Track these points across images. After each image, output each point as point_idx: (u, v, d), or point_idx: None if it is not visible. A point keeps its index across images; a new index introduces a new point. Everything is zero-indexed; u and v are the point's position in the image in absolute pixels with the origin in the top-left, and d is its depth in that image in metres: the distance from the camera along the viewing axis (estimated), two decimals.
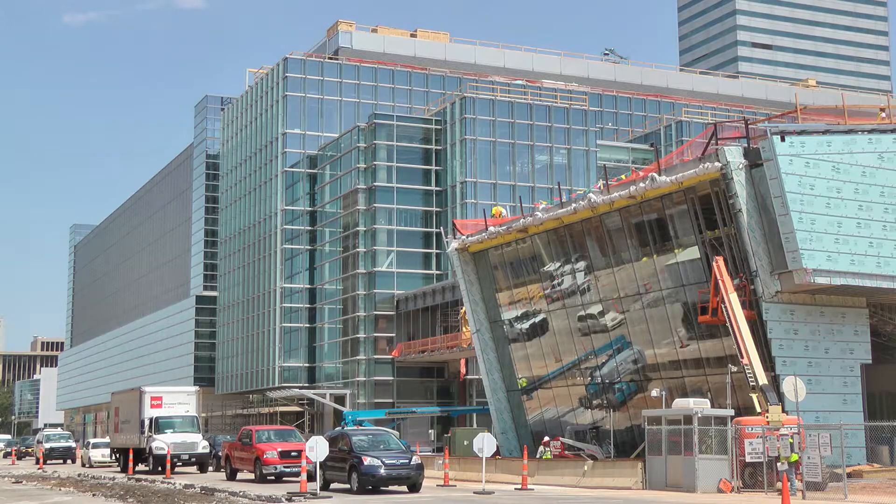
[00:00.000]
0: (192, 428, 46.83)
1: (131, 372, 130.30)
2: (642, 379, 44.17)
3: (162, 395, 49.01)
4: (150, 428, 46.29)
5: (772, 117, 54.42)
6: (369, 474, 31.15)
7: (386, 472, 31.26)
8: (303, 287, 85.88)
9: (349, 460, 31.98)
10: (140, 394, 48.70)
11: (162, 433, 45.67)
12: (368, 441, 33.35)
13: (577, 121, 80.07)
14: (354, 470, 31.54)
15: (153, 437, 45.73)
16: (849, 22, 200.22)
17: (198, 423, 47.80)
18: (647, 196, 41.18)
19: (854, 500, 28.46)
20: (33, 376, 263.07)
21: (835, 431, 30.82)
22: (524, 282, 50.22)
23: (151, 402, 47.91)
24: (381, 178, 77.83)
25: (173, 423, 46.55)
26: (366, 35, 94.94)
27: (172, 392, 50.59)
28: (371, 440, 33.63)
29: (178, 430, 46.00)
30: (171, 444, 44.49)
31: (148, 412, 47.37)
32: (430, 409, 69.92)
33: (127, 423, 50.26)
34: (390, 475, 31.38)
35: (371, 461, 31.37)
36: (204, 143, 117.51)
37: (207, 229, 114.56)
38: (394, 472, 31.43)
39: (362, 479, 31.21)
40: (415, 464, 32.01)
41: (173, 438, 45.13)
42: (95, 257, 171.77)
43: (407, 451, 33.75)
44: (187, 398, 49.14)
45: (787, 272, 36.88)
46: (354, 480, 31.49)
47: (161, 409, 47.54)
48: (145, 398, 48.11)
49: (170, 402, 48.28)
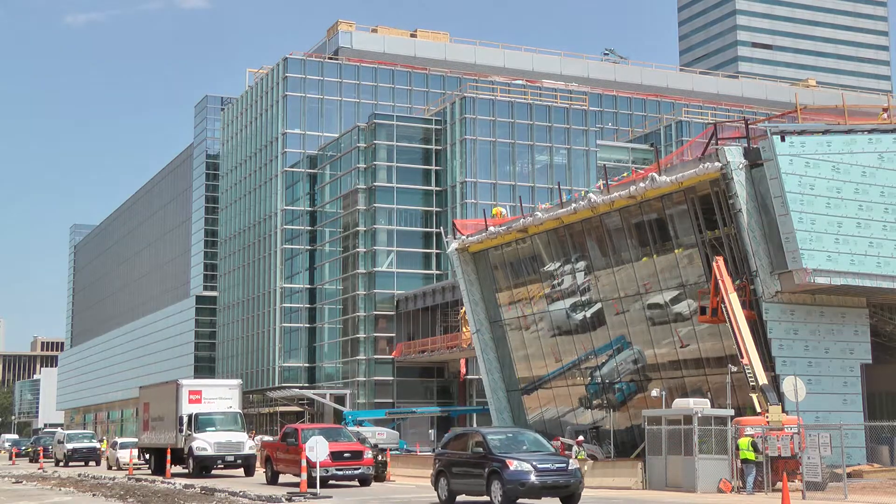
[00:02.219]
0: (236, 426, 41.53)
1: (131, 372, 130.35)
2: (642, 379, 44.17)
3: (201, 388, 43.52)
4: (188, 425, 40.88)
5: (772, 117, 54.40)
6: (517, 481, 24.30)
7: (539, 480, 24.43)
8: (303, 287, 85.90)
9: (487, 465, 25.13)
10: (177, 387, 43.00)
11: (203, 431, 40.45)
12: (507, 440, 26.63)
13: (577, 121, 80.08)
14: (496, 477, 24.68)
15: (193, 435, 40.37)
16: (849, 22, 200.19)
17: (242, 421, 42.33)
18: (647, 196, 41.18)
19: (854, 500, 28.44)
20: (33, 376, 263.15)
21: (835, 431, 30.79)
22: (524, 282, 50.23)
23: (189, 396, 42.36)
24: (381, 178, 77.85)
25: (215, 419, 41.34)
26: (366, 35, 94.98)
27: (213, 385, 45.57)
28: (510, 439, 26.88)
29: (220, 428, 40.86)
30: (214, 444, 39.84)
31: (186, 408, 41.86)
32: (430, 409, 69.93)
33: (160, 420, 44.96)
34: (545, 483, 24.57)
35: (518, 465, 24.67)
36: (204, 143, 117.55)
37: (207, 229, 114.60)
38: (549, 480, 24.61)
39: (508, 488, 24.36)
40: (573, 468, 25.32)
41: (216, 437, 40.14)
42: (95, 257, 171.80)
43: (557, 455, 27.38)
44: (229, 392, 43.58)
45: (787, 272, 36.88)
46: (497, 491, 24.64)
47: (200, 405, 42.05)
48: (183, 392, 42.41)
49: (210, 397, 42.85)
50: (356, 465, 33.40)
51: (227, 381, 48.69)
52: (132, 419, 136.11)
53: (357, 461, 33.45)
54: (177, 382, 43.79)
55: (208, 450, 39.70)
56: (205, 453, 39.71)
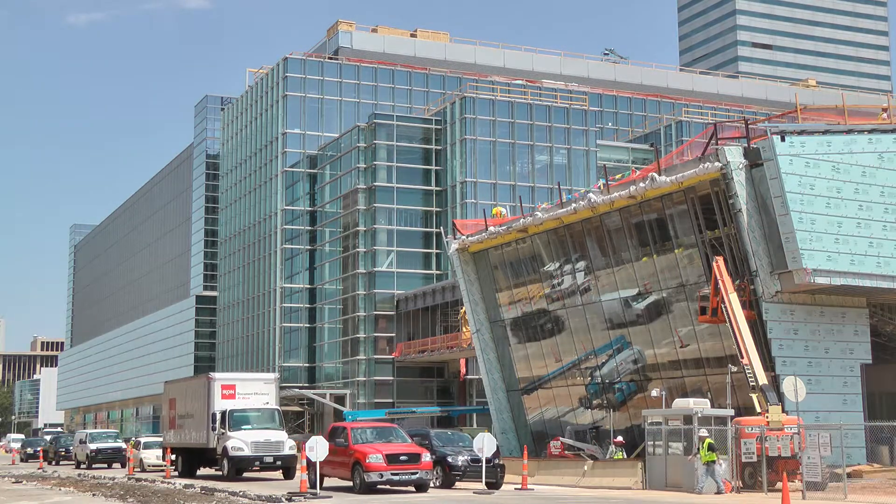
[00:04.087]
0: (274, 423, 38.50)
1: (131, 372, 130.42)
2: (642, 379, 44.16)
3: (235, 382, 40.31)
4: (222, 423, 37.87)
5: (772, 117, 54.40)
6: None
7: None
8: (303, 287, 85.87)
9: None
10: (208, 381, 40.02)
11: (238, 430, 37.51)
12: None
13: (577, 121, 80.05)
14: None
15: (227, 434, 37.46)
16: (849, 22, 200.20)
17: (281, 418, 39.30)
18: (647, 196, 41.18)
19: (854, 500, 28.45)
20: (33, 376, 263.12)
21: (835, 431, 30.79)
22: (524, 282, 50.23)
23: (222, 391, 39.38)
24: (381, 178, 77.82)
25: (251, 417, 38.37)
26: (366, 35, 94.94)
27: (248, 380, 42.22)
28: None
29: (257, 427, 37.90)
30: (252, 444, 36.94)
31: (218, 404, 38.88)
32: (430, 409, 69.87)
33: (188, 417, 41.82)
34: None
35: None
36: (204, 143, 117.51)
37: (207, 229, 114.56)
38: None
39: None
40: None
41: (253, 436, 37.18)
42: (95, 257, 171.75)
43: None
44: (266, 387, 40.46)
45: (787, 272, 36.87)
46: None
47: (234, 401, 39.14)
48: (215, 387, 39.41)
49: (244, 392, 39.80)
50: (413, 468, 30.47)
51: (263, 374, 45.37)
52: (132, 419, 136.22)
53: (414, 464, 30.53)
54: (208, 376, 40.74)
55: (245, 450, 36.84)
56: (241, 454, 36.87)
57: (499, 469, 33.44)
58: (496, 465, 33.28)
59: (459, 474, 33.47)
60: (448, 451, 34.06)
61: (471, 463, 33.39)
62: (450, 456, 33.76)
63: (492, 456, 32.42)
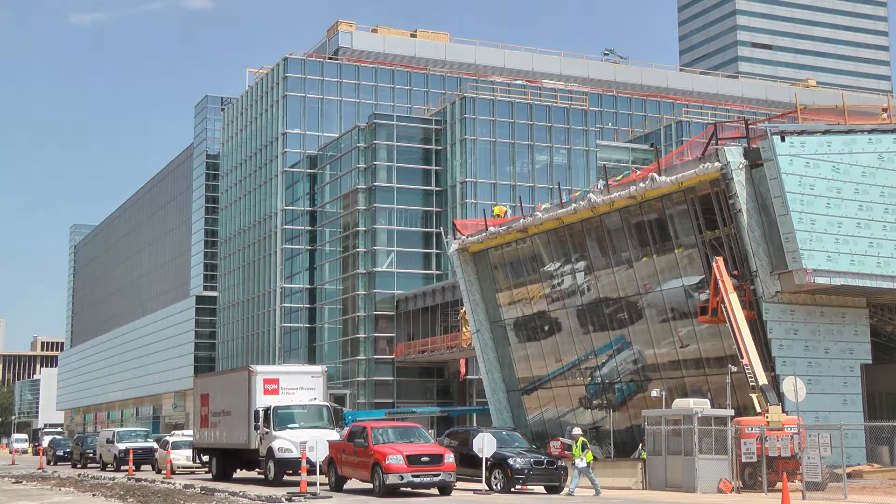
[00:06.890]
0: (323, 421, 34.77)
1: (131, 372, 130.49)
2: (642, 379, 44.17)
3: (278, 376, 36.32)
4: (265, 421, 34.23)
5: (772, 117, 54.39)
6: None
7: None
8: (303, 287, 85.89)
9: None
10: (249, 375, 36.01)
11: (283, 429, 33.80)
12: None
13: (577, 121, 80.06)
14: None
15: (272, 434, 33.77)
16: (849, 22, 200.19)
17: (330, 415, 35.56)
18: (647, 196, 41.18)
19: (854, 500, 28.44)
20: (33, 376, 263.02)
21: (835, 431, 30.79)
22: (524, 282, 50.23)
23: (264, 386, 35.54)
24: (381, 178, 77.84)
25: (297, 414, 34.70)
26: (366, 35, 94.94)
27: (293, 373, 37.76)
28: None
29: (304, 425, 34.10)
30: (301, 444, 31.82)
31: (261, 400, 35.08)
32: (430, 409, 69.85)
33: (225, 415, 37.82)
34: None
35: None
36: (204, 143, 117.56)
37: (207, 229, 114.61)
38: None
39: None
40: None
41: (301, 436, 32.61)
42: (95, 257, 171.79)
43: None
44: (313, 381, 36.47)
45: (787, 272, 36.88)
46: None
47: (278, 396, 35.34)
48: (256, 380, 35.46)
49: (289, 387, 35.90)
50: (436, 470, 28.64)
51: (310, 367, 41.58)
52: (132, 419, 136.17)
53: (437, 466, 28.70)
54: (249, 369, 36.64)
55: (294, 451, 32.65)
56: (290, 455, 32.91)
57: (562, 472, 31.47)
58: (559, 467, 31.47)
59: (523, 477, 30.67)
60: (507, 453, 31.07)
61: (533, 465, 30.98)
62: (510, 458, 30.78)
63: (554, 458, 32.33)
